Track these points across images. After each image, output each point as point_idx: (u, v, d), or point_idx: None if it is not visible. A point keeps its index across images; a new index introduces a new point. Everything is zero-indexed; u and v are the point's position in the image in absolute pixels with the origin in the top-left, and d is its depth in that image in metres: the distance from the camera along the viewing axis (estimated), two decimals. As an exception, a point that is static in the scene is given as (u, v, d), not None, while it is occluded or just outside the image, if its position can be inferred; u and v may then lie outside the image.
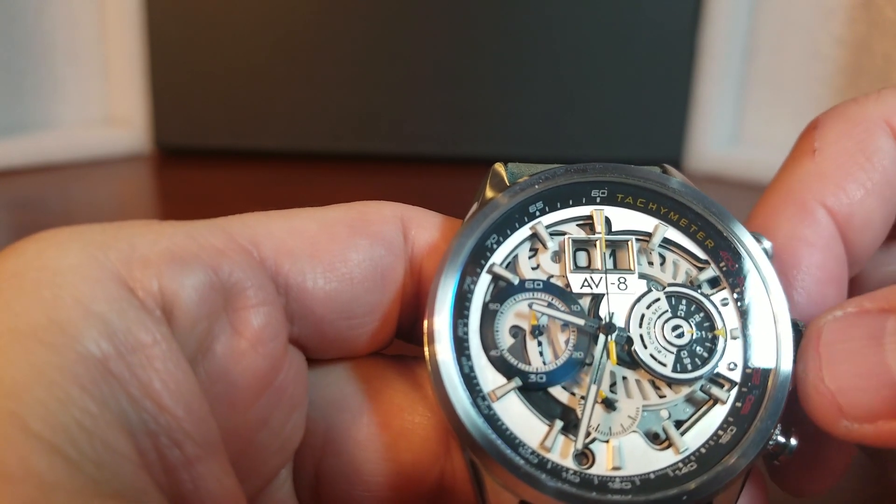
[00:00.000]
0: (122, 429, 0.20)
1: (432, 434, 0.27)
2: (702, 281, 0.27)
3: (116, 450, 0.20)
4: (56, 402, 0.19)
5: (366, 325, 0.27)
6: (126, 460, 0.20)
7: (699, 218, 0.28)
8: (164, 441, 0.21)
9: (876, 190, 0.28)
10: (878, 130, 0.28)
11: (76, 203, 0.83)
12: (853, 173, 0.28)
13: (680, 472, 0.24)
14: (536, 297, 0.26)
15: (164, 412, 0.21)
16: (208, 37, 0.89)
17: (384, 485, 0.27)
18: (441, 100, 0.91)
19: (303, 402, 0.26)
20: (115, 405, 0.20)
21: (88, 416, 0.19)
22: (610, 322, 0.26)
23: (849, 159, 0.28)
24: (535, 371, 0.25)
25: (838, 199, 0.27)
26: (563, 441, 0.25)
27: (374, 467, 0.27)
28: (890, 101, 0.29)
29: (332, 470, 0.27)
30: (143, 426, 0.21)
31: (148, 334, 0.21)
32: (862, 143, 0.28)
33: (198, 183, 0.86)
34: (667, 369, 0.26)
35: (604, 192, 0.28)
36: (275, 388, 0.25)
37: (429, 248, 0.27)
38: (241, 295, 0.24)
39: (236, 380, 0.24)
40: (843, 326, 0.25)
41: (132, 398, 0.21)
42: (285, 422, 0.26)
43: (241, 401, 0.24)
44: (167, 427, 0.21)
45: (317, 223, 0.26)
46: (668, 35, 0.89)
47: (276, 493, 0.27)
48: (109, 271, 0.22)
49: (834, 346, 0.24)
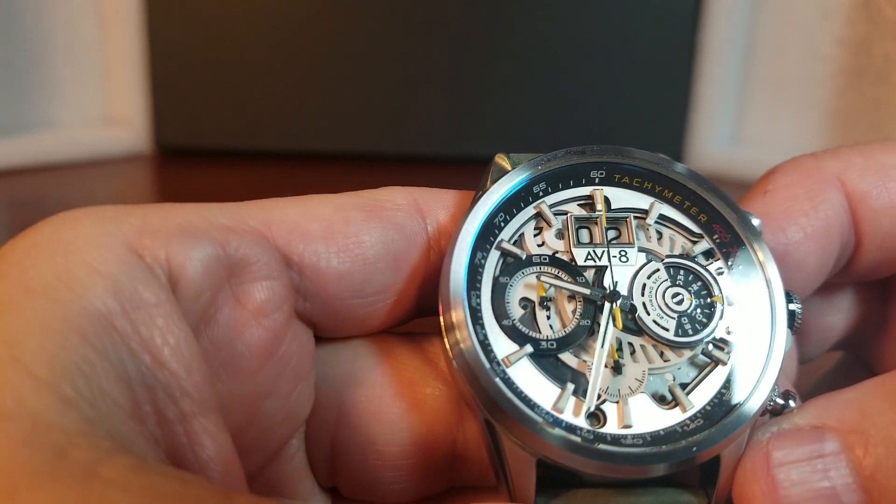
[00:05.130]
0: (120, 379, 0.21)
1: (444, 405, 0.28)
2: (697, 253, 0.29)
3: (111, 397, 0.20)
4: (57, 346, 0.20)
5: (378, 303, 0.28)
6: (119, 408, 0.21)
7: (692, 194, 0.29)
8: (160, 395, 0.22)
9: (815, 236, 0.29)
10: (828, 184, 0.30)
11: (76, 203, 0.83)
12: (795, 217, 0.29)
13: (688, 428, 0.26)
14: (544, 269, 0.28)
15: (163, 368, 0.22)
16: (208, 37, 0.89)
17: (398, 454, 0.28)
18: (441, 100, 0.91)
19: (308, 373, 0.27)
20: (115, 356, 0.21)
21: (87, 362, 0.20)
22: (614, 290, 0.28)
23: (795, 204, 0.30)
24: (545, 338, 0.27)
25: (776, 237, 0.29)
26: (574, 402, 0.26)
27: (387, 438, 0.28)
28: (845, 158, 0.30)
29: (347, 441, 0.28)
30: (141, 379, 0.22)
31: (152, 295, 0.22)
32: (811, 192, 0.30)
33: (198, 183, 0.86)
34: (669, 334, 0.27)
35: (602, 173, 0.29)
36: (278, 358, 0.26)
37: (448, 227, 0.29)
38: (246, 269, 0.25)
39: (239, 348, 0.25)
40: (787, 445, 0.26)
41: (132, 351, 0.22)
42: (290, 391, 0.27)
43: (244, 368, 0.25)
44: (165, 382, 0.22)
45: (331, 207, 0.27)
46: (668, 35, 0.89)
47: (287, 463, 0.28)
48: (120, 240, 0.23)
49: (784, 469, 0.26)
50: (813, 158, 0.31)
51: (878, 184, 0.30)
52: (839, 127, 0.87)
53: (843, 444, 0.26)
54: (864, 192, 0.30)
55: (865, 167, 0.30)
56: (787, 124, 0.90)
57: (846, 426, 0.26)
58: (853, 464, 0.25)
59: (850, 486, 0.25)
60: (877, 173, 0.30)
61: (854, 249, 0.31)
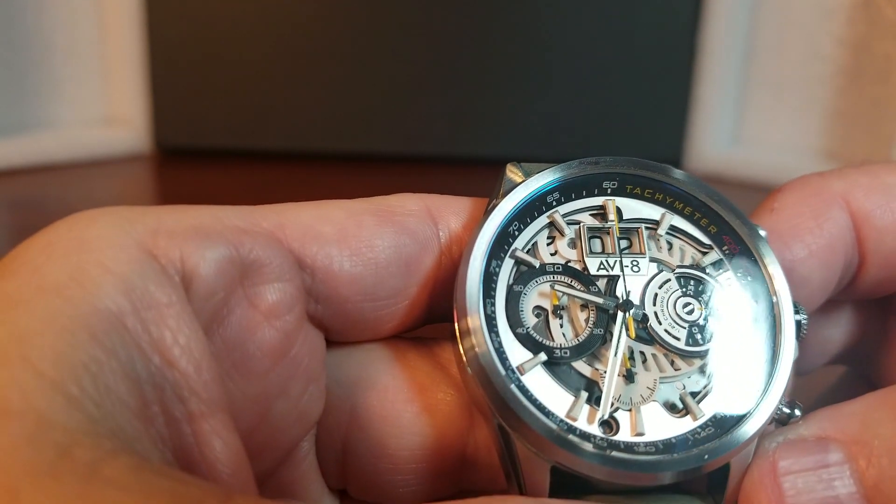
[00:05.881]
0: (128, 378, 0.21)
1: (455, 410, 0.28)
2: (707, 264, 0.29)
3: (118, 396, 0.20)
4: (65, 345, 0.20)
5: (389, 307, 0.28)
6: (125, 407, 0.21)
7: (702, 206, 0.30)
8: (168, 395, 0.22)
9: (819, 253, 0.30)
10: (833, 203, 0.30)
11: (76, 203, 0.83)
12: (800, 234, 0.30)
13: (699, 436, 0.26)
14: (557, 279, 0.28)
15: (172, 367, 0.22)
16: (208, 37, 0.89)
17: (409, 458, 0.28)
18: (441, 100, 0.91)
19: (319, 375, 0.28)
20: (124, 355, 0.21)
21: (95, 361, 0.20)
22: (627, 300, 0.28)
23: (800, 222, 0.30)
24: (559, 346, 0.27)
25: (781, 254, 0.30)
26: (588, 410, 0.26)
27: (398, 442, 0.28)
28: (851, 178, 0.31)
29: (359, 445, 0.28)
30: (150, 378, 0.22)
31: (164, 295, 0.22)
32: (816, 210, 0.30)
33: (198, 183, 0.86)
34: (680, 343, 0.28)
35: (614, 184, 0.30)
36: (290, 359, 0.26)
37: (462, 232, 0.29)
38: (259, 271, 0.25)
39: (251, 349, 0.25)
40: (793, 455, 0.27)
41: (141, 351, 0.22)
42: (302, 392, 0.27)
43: (256, 368, 0.26)
44: (173, 381, 0.22)
45: (344, 212, 0.28)
46: (668, 35, 0.89)
47: (298, 465, 0.28)
48: (135, 240, 0.23)
49: (790, 478, 0.26)
50: (819, 178, 0.31)
51: (883, 203, 0.30)
52: (839, 127, 0.87)
53: (847, 455, 0.26)
54: (868, 212, 0.30)
55: (870, 187, 0.30)
56: (787, 124, 0.90)
57: (850, 437, 0.26)
58: (857, 474, 0.26)
59: (853, 495, 0.26)
60: (881, 193, 0.30)
61: (858, 268, 0.31)
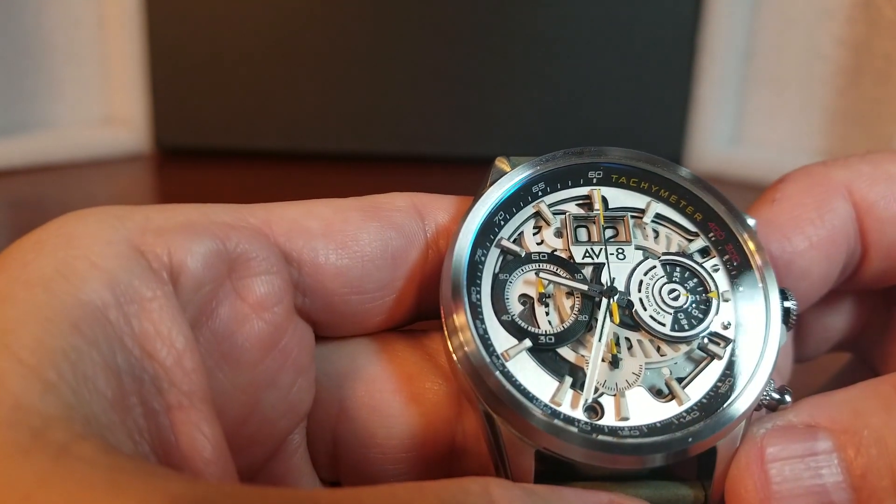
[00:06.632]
0: (107, 369, 0.21)
1: (444, 399, 0.28)
2: (693, 251, 0.29)
3: (95, 385, 0.21)
4: (45, 333, 0.21)
5: (376, 300, 0.28)
6: (102, 397, 0.21)
7: (688, 193, 0.30)
8: (147, 386, 0.22)
9: (820, 245, 0.30)
10: (836, 193, 0.30)
11: (76, 203, 0.83)
12: (802, 226, 0.30)
13: (684, 420, 0.26)
14: (542, 267, 0.29)
15: (152, 359, 0.23)
16: (208, 37, 0.89)
17: (398, 447, 0.28)
18: (441, 100, 0.91)
19: (308, 367, 0.28)
20: (105, 347, 0.22)
21: (74, 350, 0.21)
22: (612, 286, 0.28)
23: (801, 213, 0.30)
24: (544, 333, 0.27)
25: (782, 246, 0.30)
26: (572, 395, 0.27)
27: (387, 431, 0.28)
28: (854, 168, 0.31)
29: (349, 435, 0.29)
30: (130, 370, 0.22)
31: (149, 289, 0.23)
32: (818, 201, 0.30)
33: (198, 183, 0.86)
34: (666, 329, 0.28)
35: (599, 174, 0.30)
36: (278, 351, 0.27)
37: (447, 228, 0.29)
38: (246, 264, 0.26)
39: (240, 340, 0.26)
40: (781, 442, 0.27)
41: (122, 343, 0.22)
42: (291, 384, 0.27)
43: (245, 360, 0.26)
44: (153, 373, 0.23)
45: (331, 208, 0.28)
46: (668, 35, 0.89)
47: (289, 458, 0.29)
48: (123, 236, 0.24)
49: (777, 465, 0.26)
50: (822, 167, 0.31)
51: (886, 194, 0.30)
52: (839, 127, 0.87)
53: (835, 444, 0.26)
54: (871, 202, 0.30)
55: (874, 177, 0.30)
56: (787, 124, 0.90)
57: (839, 426, 0.26)
58: (844, 463, 0.26)
59: (840, 484, 0.26)
60: (885, 183, 0.30)
61: (860, 259, 0.31)
